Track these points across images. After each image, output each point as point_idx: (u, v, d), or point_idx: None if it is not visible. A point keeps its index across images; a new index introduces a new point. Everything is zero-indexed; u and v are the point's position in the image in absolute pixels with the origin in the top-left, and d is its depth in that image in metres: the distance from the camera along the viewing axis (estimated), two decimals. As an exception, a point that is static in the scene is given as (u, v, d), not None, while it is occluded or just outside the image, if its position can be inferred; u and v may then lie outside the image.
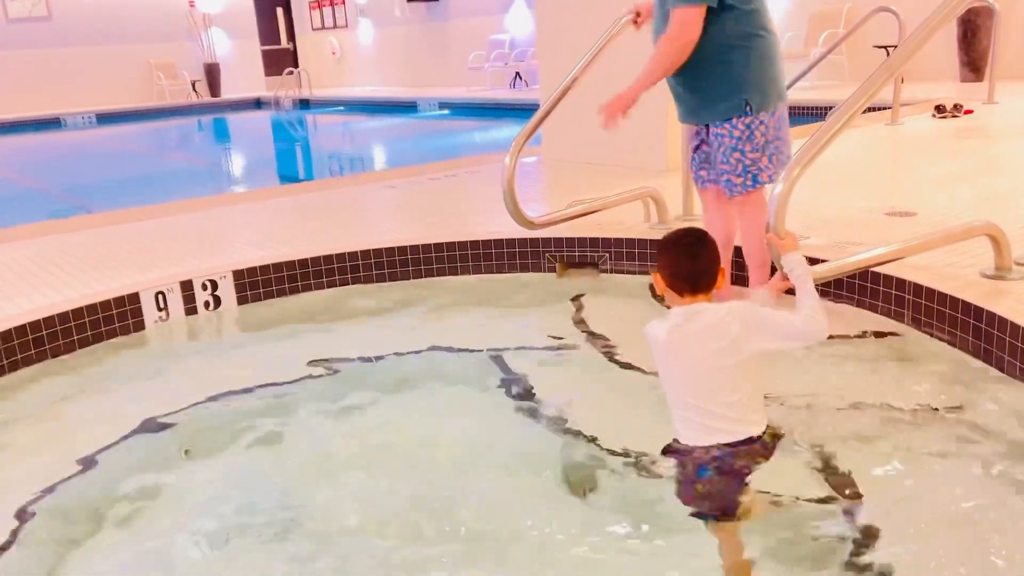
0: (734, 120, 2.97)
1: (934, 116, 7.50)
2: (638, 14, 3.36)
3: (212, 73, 18.35)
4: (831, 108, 2.58)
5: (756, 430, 2.16)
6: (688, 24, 2.84)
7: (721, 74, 2.94)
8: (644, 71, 3.04)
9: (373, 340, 3.32)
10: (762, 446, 2.15)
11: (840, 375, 2.75)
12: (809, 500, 2.06)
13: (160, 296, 3.54)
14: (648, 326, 2.28)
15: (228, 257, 3.99)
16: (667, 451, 2.24)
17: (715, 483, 2.10)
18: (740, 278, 3.49)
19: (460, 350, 3.17)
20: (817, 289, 3.34)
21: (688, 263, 2.19)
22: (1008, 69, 9.33)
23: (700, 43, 2.90)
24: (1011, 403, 2.48)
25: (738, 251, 3.39)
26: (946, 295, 2.87)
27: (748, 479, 2.09)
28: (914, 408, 2.48)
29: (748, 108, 2.95)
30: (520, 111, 11.32)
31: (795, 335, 2.19)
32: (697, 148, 3.22)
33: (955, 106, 7.51)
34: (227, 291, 3.72)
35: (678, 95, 3.17)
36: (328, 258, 3.92)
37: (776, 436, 2.21)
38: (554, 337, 3.25)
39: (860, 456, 2.23)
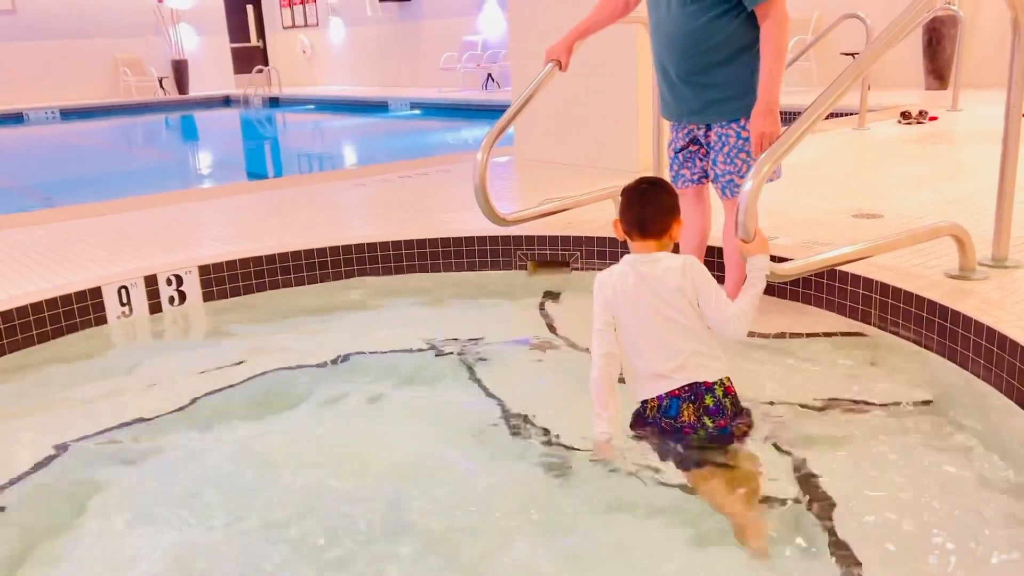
0: (742, 120, 2.91)
1: (900, 122, 7.62)
2: (559, 62, 3.33)
3: (180, 70, 18.11)
4: (799, 113, 2.59)
5: (706, 376, 2.24)
6: (785, 11, 2.79)
7: (733, 74, 2.89)
8: (770, 76, 2.78)
9: (340, 337, 3.28)
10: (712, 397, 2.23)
11: (806, 374, 2.76)
12: (776, 499, 2.06)
13: (123, 291, 3.47)
14: (601, 275, 2.35)
15: (194, 252, 3.93)
16: (634, 424, 2.32)
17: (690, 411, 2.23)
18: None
19: (430, 347, 3.14)
20: (784, 288, 3.38)
21: (638, 207, 2.29)
22: (971, 77, 9.51)
23: (715, 43, 2.86)
24: (975, 401, 2.51)
25: (713, 251, 3.40)
26: (912, 294, 2.91)
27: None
28: (880, 406, 2.51)
29: None
30: (492, 112, 11.30)
31: (720, 322, 2.26)
32: (684, 148, 3.16)
33: (920, 112, 7.64)
34: (192, 286, 3.66)
35: (679, 95, 3.03)
36: (296, 254, 3.88)
37: (727, 392, 2.27)
38: (524, 334, 3.24)
39: (826, 455, 2.24)
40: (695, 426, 2.24)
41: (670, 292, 2.24)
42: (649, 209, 2.29)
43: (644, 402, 2.31)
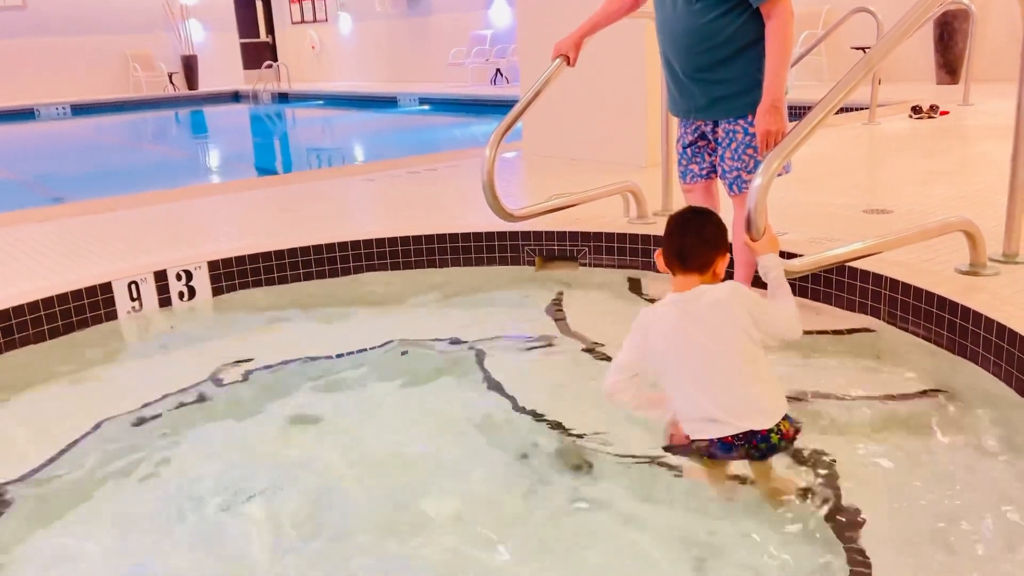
0: (749, 116, 2.89)
1: (910, 117, 7.58)
2: (567, 57, 3.32)
3: (190, 65, 18.15)
4: (810, 108, 2.58)
5: (763, 423, 2.08)
6: (790, 8, 2.76)
7: (741, 70, 2.87)
8: (775, 73, 2.76)
9: (349, 332, 3.29)
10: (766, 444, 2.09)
11: (816, 370, 2.75)
12: (788, 493, 2.06)
13: (133, 286, 3.49)
14: (645, 311, 2.24)
15: (203, 247, 3.94)
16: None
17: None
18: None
19: (437, 343, 3.15)
20: (794, 284, 3.37)
21: (679, 237, 2.16)
22: (983, 71, 9.44)
23: (721, 40, 2.84)
24: (985, 397, 2.50)
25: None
26: (922, 290, 2.89)
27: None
28: (890, 402, 2.50)
29: None
30: (500, 108, 11.25)
31: (781, 331, 2.19)
32: (691, 144, 3.15)
33: (931, 107, 7.59)
34: (202, 282, 3.67)
35: (686, 91, 3.02)
36: (305, 249, 3.89)
37: (784, 437, 2.11)
38: (532, 330, 3.24)
39: (836, 450, 2.23)
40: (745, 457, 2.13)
41: (720, 328, 2.10)
42: (691, 240, 2.14)
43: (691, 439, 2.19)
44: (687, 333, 2.14)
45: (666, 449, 2.21)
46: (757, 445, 2.09)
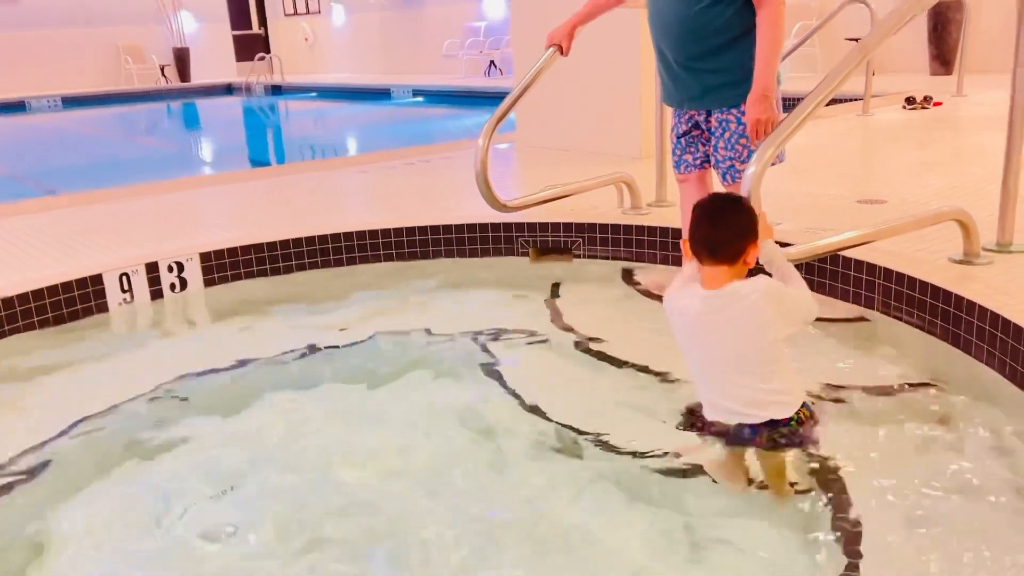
0: (742, 106, 2.87)
1: (904, 108, 7.57)
2: (560, 46, 3.30)
3: (182, 58, 18.05)
4: (804, 99, 2.57)
5: (783, 413, 2.10)
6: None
7: (732, 60, 2.86)
8: (765, 63, 2.74)
9: (342, 324, 3.28)
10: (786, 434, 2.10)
11: (810, 359, 2.75)
12: (788, 485, 2.06)
13: (124, 278, 3.47)
14: (671, 294, 2.20)
15: (195, 239, 3.92)
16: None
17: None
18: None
19: (432, 335, 3.14)
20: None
21: (708, 227, 2.08)
22: (977, 62, 9.44)
23: (713, 30, 2.83)
24: (979, 385, 2.50)
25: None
26: (915, 279, 2.89)
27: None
28: (883, 391, 2.50)
29: None
30: (494, 99, 11.13)
31: (805, 319, 2.17)
32: (685, 134, 3.14)
33: (925, 98, 7.59)
34: (194, 273, 3.65)
35: (679, 81, 3.01)
36: (297, 241, 3.87)
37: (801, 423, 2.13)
38: (526, 322, 3.23)
39: (829, 439, 2.23)
40: (767, 445, 2.13)
41: (749, 333, 2.06)
42: (722, 231, 2.07)
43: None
44: (707, 338, 2.12)
45: (687, 427, 2.21)
46: (778, 429, 2.10)
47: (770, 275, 2.19)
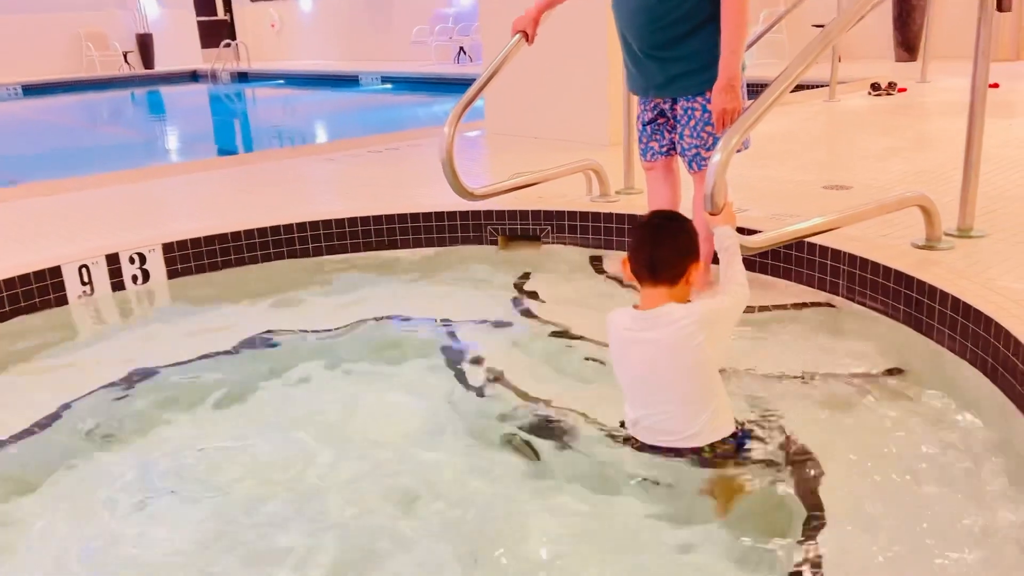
0: (708, 94, 2.87)
1: (869, 94, 7.65)
2: (526, 33, 3.28)
3: (145, 44, 17.72)
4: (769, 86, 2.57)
5: (711, 438, 2.04)
6: None
7: (700, 47, 2.85)
8: (730, 51, 2.72)
9: (309, 315, 3.25)
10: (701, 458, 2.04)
11: (775, 346, 2.77)
12: (749, 470, 2.06)
13: (84, 270, 3.40)
14: (612, 315, 2.14)
15: (159, 230, 3.85)
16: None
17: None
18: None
19: (399, 323, 3.12)
20: (754, 260, 3.38)
21: (650, 247, 2.02)
22: (941, 49, 9.56)
23: (677, 17, 2.82)
24: (941, 369, 2.54)
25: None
26: (879, 265, 2.92)
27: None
28: (848, 376, 2.52)
29: None
30: (463, 86, 11.08)
31: (736, 317, 2.16)
32: (651, 121, 3.13)
33: (889, 84, 7.67)
34: (156, 265, 3.59)
35: (644, 69, 3.00)
36: (263, 231, 3.82)
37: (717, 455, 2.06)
38: (495, 309, 3.22)
39: (796, 425, 2.25)
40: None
41: (677, 356, 1.99)
42: (663, 250, 2.01)
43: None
44: (631, 356, 2.06)
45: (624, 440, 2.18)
46: (704, 452, 2.06)
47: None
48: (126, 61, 17.49)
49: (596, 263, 3.73)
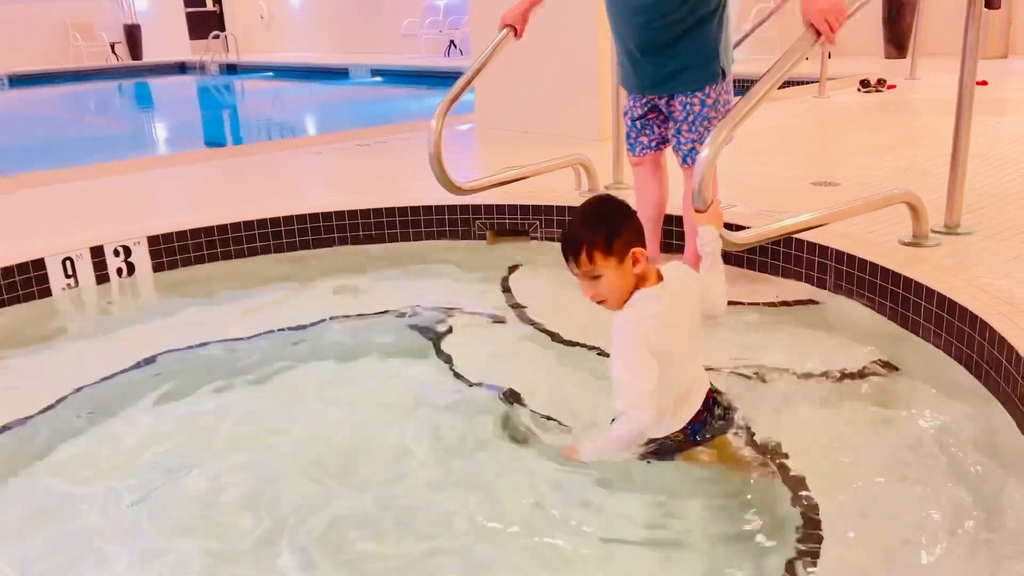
0: (707, 88, 2.87)
1: (859, 90, 7.67)
2: (514, 28, 3.28)
3: (133, 35, 17.60)
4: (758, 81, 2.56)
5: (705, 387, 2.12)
6: None
7: (699, 43, 2.84)
8: None
9: (296, 308, 3.22)
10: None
11: (763, 341, 2.77)
12: (742, 472, 2.06)
13: (68, 262, 3.37)
14: (630, 318, 2.01)
15: (144, 222, 3.82)
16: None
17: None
18: (670, 246, 3.51)
19: (387, 318, 3.10)
20: (741, 255, 3.38)
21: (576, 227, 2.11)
22: (930, 46, 9.59)
23: (677, 16, 2.80)
24: (928, 366, 2.54)
25: (671, 219, 3.39)
26: (866, 261, 2.92)
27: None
28: (835, 373, 2.52)
29: (723, 75, 2.90)
30: (454, 80, 11.09)
31: (711, 309, 2.14)
32: (641, 116, 3.11)
33: (879, 81, 7.69)
34: (142, 258, 3.56)
35: (641, 68, 2.97)
36: (249, 224, 3.79)
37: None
38: (484, 305, 3.21)
39: (783, 421, 2.25)
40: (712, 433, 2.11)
41: (696, 306, 2.09)
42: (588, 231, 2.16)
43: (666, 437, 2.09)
44: (677, 325, 2.04)
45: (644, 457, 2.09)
46: (713, 409, 2.10)
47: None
48: (113, 52, 17.37)
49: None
